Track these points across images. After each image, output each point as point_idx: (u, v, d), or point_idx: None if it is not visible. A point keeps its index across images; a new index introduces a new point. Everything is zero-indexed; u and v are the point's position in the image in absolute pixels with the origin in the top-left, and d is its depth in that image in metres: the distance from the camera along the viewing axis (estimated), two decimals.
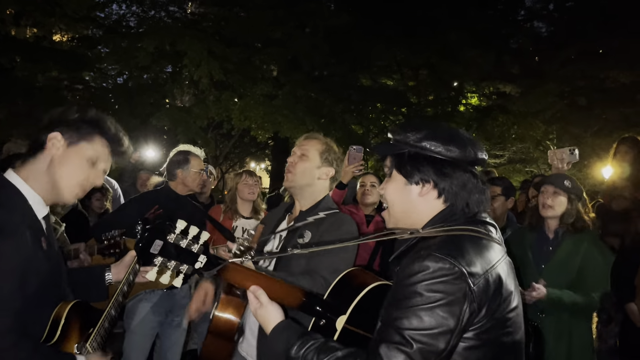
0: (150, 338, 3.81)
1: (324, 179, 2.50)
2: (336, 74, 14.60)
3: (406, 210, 1.58)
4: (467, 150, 1.54)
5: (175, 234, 1.53)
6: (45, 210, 1.82)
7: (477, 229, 1.49)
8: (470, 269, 1.36)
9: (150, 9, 15.90)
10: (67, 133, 1.78)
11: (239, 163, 19.66)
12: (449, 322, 1.32)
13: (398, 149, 1.58)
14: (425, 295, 1.33)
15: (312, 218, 2.38)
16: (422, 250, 1.40)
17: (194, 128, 12.06)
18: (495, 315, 1.40)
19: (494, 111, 14.94)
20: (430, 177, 1.54)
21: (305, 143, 2.53)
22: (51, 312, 1.80)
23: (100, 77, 15.06)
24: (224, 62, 11.49)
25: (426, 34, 13.80)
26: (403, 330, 1.32)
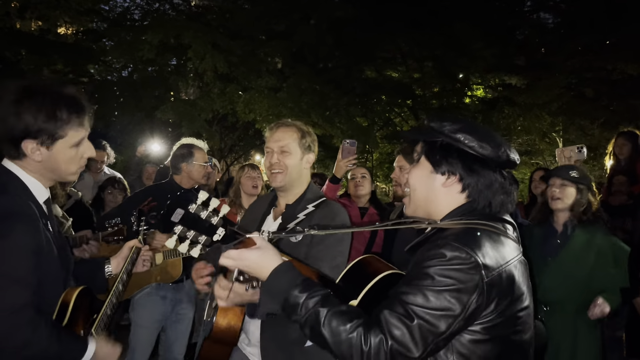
0: (156, 331, 3.83)
1: (307, 167, 2.44)
2: (341, 66, 14.55)
3: (427, 197, 1.59)
4: (501, 151, 1.54)
5: (197, 204, 1.53)
6: (45, 194, 1.85)
7: (494, 224, 1.50)
8: (485, 262, 1.38)
9: (155, 2, 15.87)
10: (40, 138, 1.71)
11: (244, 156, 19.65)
12: (454, 307, 1.34)
13: (431, 136, 1.59)
14: (436, 279, 1.35)
15: (302, 214, 2.32)
16: (441, 239, 1.42)
17: (199, 121, 12.06)
18: (506, 313, 1.41)
19: (499, 103, 14.86)
20: (458, 171, 1.55)
21: (281, 136, 2.41)
22: (59, 294, 1.85)
23: (105, 70, 15.06)
24: (229, 55, 11.47)
25: (431, 25, 13.71)
26: (408, 304, 1.35)
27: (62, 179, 1.87)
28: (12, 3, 10.71)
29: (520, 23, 16.55)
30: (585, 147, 3.95)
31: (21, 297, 1.62)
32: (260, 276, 1.52)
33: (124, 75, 14.67)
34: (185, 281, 3.84)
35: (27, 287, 1.64)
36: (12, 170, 1.77)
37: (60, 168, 1.81)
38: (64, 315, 1.81)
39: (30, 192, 1.78)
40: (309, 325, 1.42)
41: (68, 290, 1.88)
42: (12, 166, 1.77)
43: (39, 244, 1.69)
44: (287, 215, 2.39)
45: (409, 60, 15.59)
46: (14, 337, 1.59)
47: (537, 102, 13.54)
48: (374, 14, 13.22)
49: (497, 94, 15.78)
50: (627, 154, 5.04)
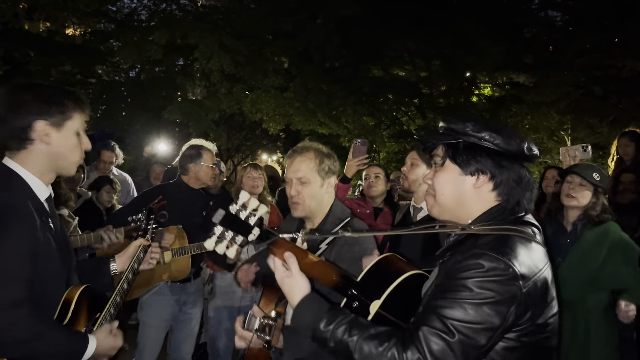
0: (164, 330, 3.84)
1: (329, 190, 2.42)
2: (348, 65, 14.52)
3: (456, 200, 1.56)
4: (525, 145, 1.53)
5: (237, 204, 1.54)
6: (46, 192, 1.87)
7: (524, 229, 1.48)
8: (522, 272, 1.35)
9: (162, 2, 15.92)
10: (51, 119, 1.79)
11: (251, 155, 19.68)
12: (494, 320, 1.32)
13: (452, 138, 1.56)
14: (475, 291, 1.32)
15: (324, 245, 2.29)
16: (476, 248, 1.39)
17: (206, 121, 12.09)
18: (539, 320, 1.40)
19: (507, 101, 14.77)
20: (488, 169, 1.53)
21: (298, 167, 2.39)
22: (62, 292, 1.86)
23: (112, 70, 15.13)
24: (235, 55, 11.48)
25: (438, 24, 13.65)
26: (447, 319, 1.32)
27: (64, 168, 1.89)
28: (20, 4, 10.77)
29: (528, 21, 16.43)
30: (590, 146, 3.90)
31: (20, 291, 1.64)
32: (290, 301, 1.56)
33: (131, 76, 14.74)
34: (193, 280, 3.86)
35: (24, 282, 1.66)
36: (13, 168, 1.79)
37: (66, 155, 1.85)
38: (66, 313, 1.82)
39: (31, 189, 1.80)
40: (342, 355, 1.41)
41: (71, 288, 1.89)
42: (13, 164, 1.79)
43: (36, 241, 1.71)
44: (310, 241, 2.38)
45: (416, 59, 15.53)
46: (14, 331, 1.61)
47: (545, 101, 13.45)
48: (381, 13, 13.19)
49: (505, 92, 15.68)
50: (632, 154, 4.98)
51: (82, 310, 1.89)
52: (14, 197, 1.71)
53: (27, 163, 1.80)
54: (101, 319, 1.99)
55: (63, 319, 1.81)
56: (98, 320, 1.98)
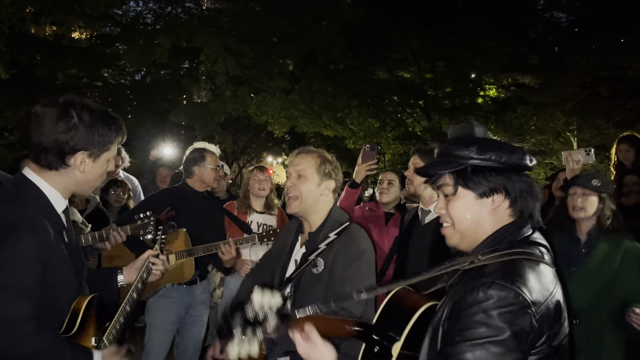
0: (170, 333, 3.85)
1: (326, 193, 2.43)
2: (352, 68, 14.53)
3: (475, 225, 1.55)
4: (527, 157, 1.55)
5: (254, 310, 1.53)
6: (64, 204, 1.87)
7: (533, 251, 1.47)
8: (533, 298, 1.33)
9: (167, 5, 16.00)
10: (91, 150, 1.79)
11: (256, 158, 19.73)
12: (515, 355, 1.30)
13: (457, 164, 1.55)
14: (491, 326, 1.30)
15: (323, 245, 2.32)
16: (484, 277, 1.37)
17: (212, 124, 12.13)
18: (554, 343, 1.39)
19: (512, 103, 14.73)
20: (501, 186, 1.52)
21: (299, 162, 2.44)
22: (71, 303, 1.85)
23: (118, 74, 15.23)
24: (240, 58, 11.52)
25: (443, 25, 13.64)
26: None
27: (85, 192, 1.93)
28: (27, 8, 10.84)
29: (533, 22, 16.39)
30: (594, 150, 3.87)
31: (24, 308, 1.62)
32: None
33: (137, 79, 14.83)
34: (199, 283, 3.87)
35: (30, 298, 1.64)
36: (32, 180, 1.77)
37: (92, 182, 1.88)
38: (74, 322, 1.81)
39: (48, 201, 1.78)
40: None
41: (79, 298, 1.88)
42: (34, 176, 1.78)
43: (48, 255, 1.69)
44: (310, 245, 2.40)
45: (421, 61, 15.52)
46: (16, 348, 1.59)
47: (550, 102, 13.39)
48: (385, 15, 13.19)
49: (510, 93, 15.63)
50: (632, 159, 4.95)
51: (90, 319, 1.88)
52: (26, 210, 1.69)
53: (52, 180, 1.79)
54: (111, 327, 1.98)
55: (71, 329, 1.80)
56: (108, 329, 1.97)
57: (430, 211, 3.07)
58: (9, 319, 1.59)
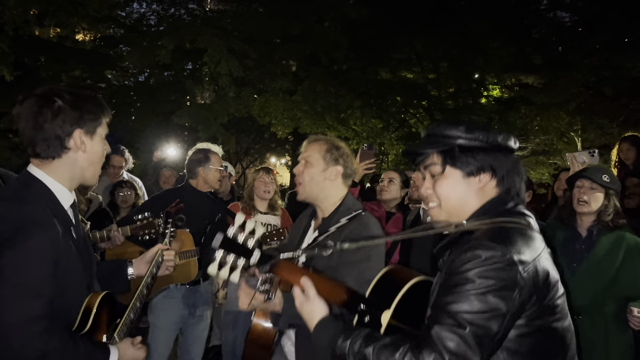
0: (174, 333, 3.86)
1: (333, 179, 2.46)
2: (355, 68, 14.53)
3: (462, 203, 1.58)
4: (511, 138, 1.60)
5: (234, 227, 1.55)
6: (70, 198, 1.87)
7: (519, 220, 1.51)
8: (520, 257, 1.38)
9: (170, 7, 16.05)
10: (86, 126, 1.80)
11: (260, 159, 19.75)
12: (500, 306, 1.34)
13: (444, 144, 1.59)
14: (477, 282, 1.35)
15: (334, 227, 2.36)
16: (473, 240, 1.42)
17: (215, 125, 12.15)
18: (545, 302, 1.43)
19: (516, 103, 14.71)
20: (488, 165, 1.56)
21: (307, 149, 2.52)
22: (83, 300, 1.86)
23: (122, 75, 15.27)
24: (244, 59, 11.54)
25: (446, 25, 13.62)
26: (455, 313, 1.34)
27: (92, 177, 1.90)
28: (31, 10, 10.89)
29: (536, 22, 16.36)
30: (598, 150, 3.86)
31: (36, 307, 1.62)
32: (309, 324, 1.62)
33: (140, 81, 14.87)
34: (202, 283, 3.87)
35: (42, 297, 1.64)
36: (37, 176, 1.78)
37: (96, 162, 1.87)
38: (87, 320, 1.82)
39: (55, 197, 1.79)
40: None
41: (91, 295, 1.88)
42: (38, 172, 1.78)
43: (57, 253, 1.69)
44: (322, 228, 2.44)
45: (424, 61, 15.51)
46: (29, 348, 1.60)
47: (554, 102, 13.36)
48: (388, 15, 13.19)
49: (514, 93, 15.61)
50: (634, 159, 4.95)
51: (102, 317, 1.88)
52: (34, 208, 1.70)
53: (57, 172, 1.79)
54: (122, 324, 1.99)
55: (84, 326, 1.81)
56: (119, 326, 1.98)
57: None
58: (20, 319, 1.59)
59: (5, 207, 1.69)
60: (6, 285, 1.59)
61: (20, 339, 1.59)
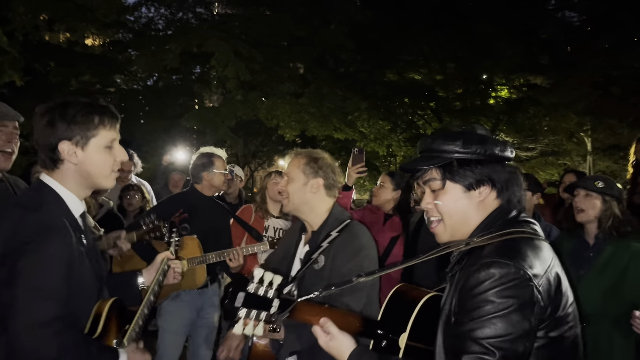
0: (182, 336, 3.88)
1: (315, 192, 2.47)
2: (362, 70, 14.54)
3: (465, 218, 1.58)
4: (508, 148, 1.59)
5: (254, 283, 1.56)
6: (81, 208, 1.91)
7: (525, 229, 1.50)
8: (533, 271, 1.37)
9: (178, 11, 16.15)
10: (74, 139, 1.82)
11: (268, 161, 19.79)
12: (524, 326, 1.33)
13: (443, 159, 1.58)
14: (496, 302, 1.34)
15: (326, 243, 2.37)
16: (484, 258, 1.41)
17: (223, 128, 12.20)
18: (559, 313, 1.43)
19: (524, 103, 14.66)
20: (487, 177, 1.56)
21: (288, 164, 2.56)
22: (93, 306, 1.89)
23: (130, 79, 15.39)
24: (251, 62, 11.58)
25: (453, 26, 13.60)
26: (482, 339, 1.33)
27: (98, 184, 1.91)
28: (41, 16, 11.01)
29: (544, 22, 16.29)
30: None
31: (50, 310, 1.65)
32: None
33: (149, 85, 14.96)
34: (210, 286, 3.89)
35: (57, 300, 1.67)
36: (49, 185, 1.83)
37: (94, 171, 1.87)
38: (97, 325, 1.85)
39: (66, 205, 1.83)
40: None
41: (101, 301, 1.91)
42: (50, 180, 1.83)
43: (71, 257, 1.73)
44: (312, 243, 2.46)
45: (431, 62, 15.49)
46: (43, 350, 1.63)
47: (563, 102, 13.30)
48: (394, 17, 13.20)
49: (522, 94, 15.55)
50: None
51: (112, 322, 1.91)
52: (48, 215, 1.74)
53: (63, 180, 1.84)
54: (131, 330, 2.02)
55: (94, 332, 1.84)
56: (127, 331, 2.01)
57: None
58: (35, 321, 1.63)
59: (20, 214, 1.74)
60: (22, 288, 1.63)
61: (34, 341, 1.62)
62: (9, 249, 1.66)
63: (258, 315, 1.54)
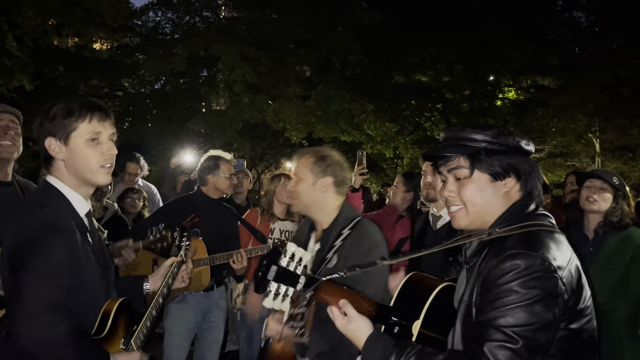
0: (189, 338, 3.89)
1: (324, 190, 2.46)
2: (369, 72, 14.54)
3: (489, 207, 1.58)
4: (529, 143, 1.61)
5: (287, 257, 1.56)
6: (86, 207, 1.93)
7: (544, 222, 1.52)
8: (557, 263, 1.39)
9: (185, 15, 16.24)
10: (57, 135, 1.85)
11: (274, 164, 19.81)
12: (547, 316, 1.34)
13: (470, 148, 1.58)
14: (521, 292, 1.35)
15: (339, 241, 2.37)
16: (508, 250, 1.42)
17: (230, 131, 12.24)
18: (579, 305, 1.44)
19: (532, 105, 14.58)
20: (513, 168, 1.57)
21: (296, 164, 2.55)
22: (102, 305, 1.91)
23: (138, 83, 15.47)
24: (257, 65, 11.62)
25: (460, 27, 13.57)
26: (505, 327, 1.34)
27: (89, 180, 1.90)
28: (49, 21, 11.10)
29: (552, 22, 16.21)
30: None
31: (54, 296, 1.69)
32: (357, 343, 1.58)
33: (156, 88, 15.03)
34: (216, 289, 3.90)
35: (61, 288, 1.71)
36: (55, 186, 1.87)
37: (80, 165, 1.87)
38: (105, 324, 1.86)
39: (71, 205, 1.86)
40: None
41: (110, 301, 1.93)
42: (55, 181, 1.87)
43: (77, 254, 1.76)
44: (324, 241, 2.44)
45: (438, 64, 15.45)
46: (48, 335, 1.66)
47: (571, 103, 13.22)
48: (401, 19, 13.18)
49: (530, 95, 15.47)
50: None
51: (120, 322, 1.93)
52: (54, 213, 1.78)
53: (61, 178, 1.88)
54: (138, 331, 2.03)
55: (102, 331, 1.85)
56: (135, 332, 2.02)
57: (442, 216, 3.06)
58: (40, 307, 1.66)
59: (28, 213, 1.79)
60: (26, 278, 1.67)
61: (39, 326, 1.65)
62: (14, 246, 1.71)
63: (286, 290, 1.54)
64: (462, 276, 1.65)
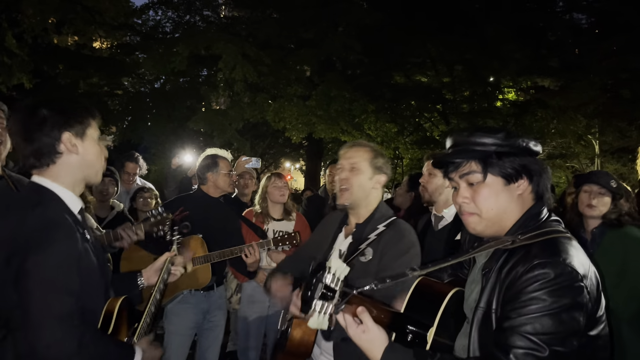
0: (189, 338, 3.88)
1: (377, 187, 2.46)
2: (369, 73, 14.53)
3: (502, 212, 1.56)
4: (537, 144, 1.60)
5: (330, 274, 1.51)
6: (78, 204, 1.89)
7: (561, 229, 1.52)
8: (582, 272, 1.39)
9: (186, 14, 16.22)
10: (74, 129, 1.82)
11: (274, 163, 19.83)
12: (574, 325, 1.35)
13: (481, 153, 1.56)
14: (549, 301, 1.35)
15: (373, 235, 2.34)
16: (535, 258, 1.40)
17: (230, 130, 12.23)
18: (598, 313, 1.44)
19: (532, 106, 14.58)
20: (524, 171, 1.55)
21: (353, 154, 2.47)
22: (103, 303, 1.89)
23: (138, 82, 15.46)
24: (258, 65, 11.60)
25: (460, 28, 13.56)
26: (532, 335, 1.34)
27: (93, 177, 1.91)
28: (49, 19, 11.09)
29: (552, 24, 16.21)
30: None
31: (67, 304, 1.64)
32: (371, 354, 1.54)
33: (156, 87, 15.02)
34: (216, 289, 3.90)
35: (71, 294, 1.66)
36: (43, 185, 1.81)
37: (93, 162, 1.88)
38: (109, 324, 1.85)
39: (63, 203, 1.81)
40: None
41: (111, 299, 1.92)
42: (44, 180, 1.81)
43: (79, 252, 1.73)
44: (357, 235, 2.42)
45: (439, 65, 15.45)
46: (64, 345, 1.61)
47: (571, 104, 13.22)
48: (402, 19, 13.18)
49: (530, 96, 15.47)
50: None
51: (122, 320, 1.92)
52: (52, 211, 1.74)
53: (58, 177, 1.82)
54: (140, 328, 2.04)
55: (106, 329, 1.84)
56: (137, 329, 2.02)
57: (444, 217, 3.06)
58: (53, 316, 1.62)
59: (25, 212, 1.72)
60: (34, 283, 1.61)
61: (54, 336, 1.61)
62: (13, 249, 1.64)
63: (327, 307, 1.51)
64: (473, 281, 1.64)
